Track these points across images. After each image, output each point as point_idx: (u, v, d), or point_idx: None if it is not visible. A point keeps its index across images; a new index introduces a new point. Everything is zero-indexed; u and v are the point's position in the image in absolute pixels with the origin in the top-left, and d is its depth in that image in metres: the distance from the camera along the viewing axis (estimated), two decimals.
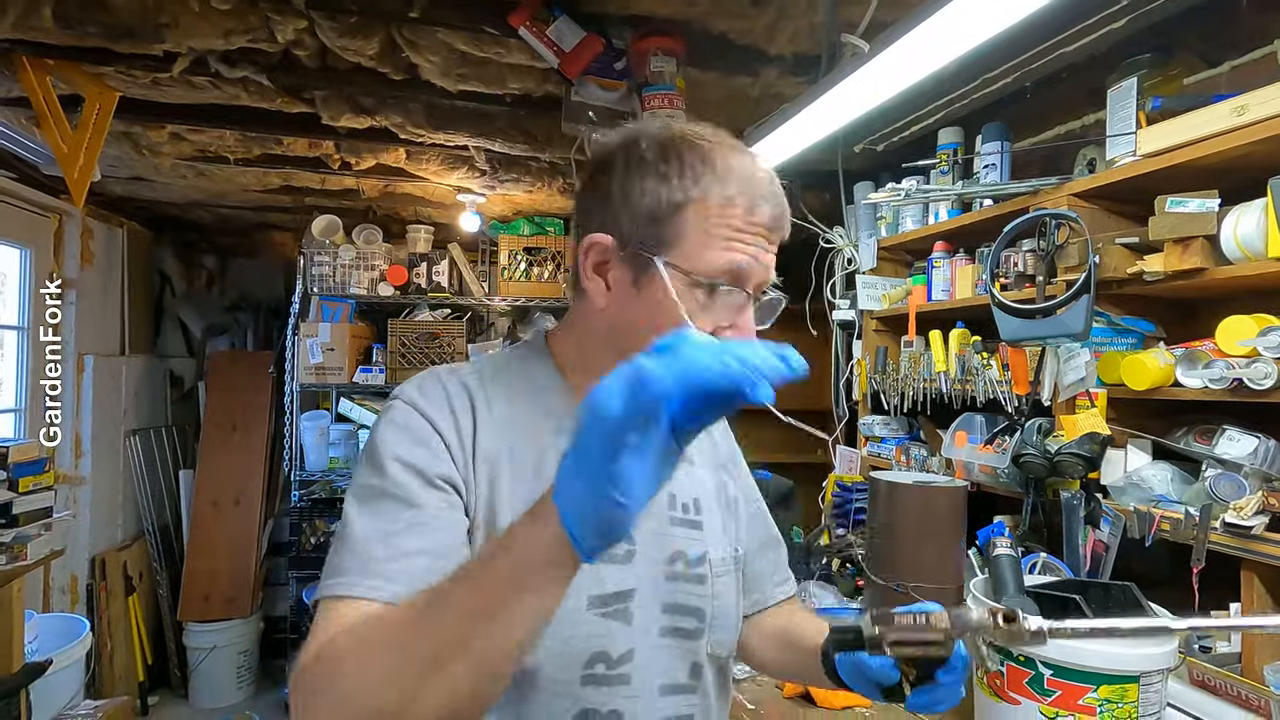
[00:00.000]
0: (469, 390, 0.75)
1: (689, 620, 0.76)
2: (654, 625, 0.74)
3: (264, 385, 3.84)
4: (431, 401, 0.73)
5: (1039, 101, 1.95)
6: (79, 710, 2.36)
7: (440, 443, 0.71)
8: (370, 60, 1.80)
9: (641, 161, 0.70)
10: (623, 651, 0.71)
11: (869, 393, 2.35)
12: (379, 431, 0.72)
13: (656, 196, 0.69)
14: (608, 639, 0.71)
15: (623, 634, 0.72)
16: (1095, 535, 1.49)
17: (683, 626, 0.75)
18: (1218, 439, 1.38)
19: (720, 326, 0.69)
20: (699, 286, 0.68)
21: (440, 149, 2.54)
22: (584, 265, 0.73)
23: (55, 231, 3.13)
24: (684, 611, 0.76)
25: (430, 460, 0.69)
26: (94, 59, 1.83)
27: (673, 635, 0.75)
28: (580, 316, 0.79)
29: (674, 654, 0.75)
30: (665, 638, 0.74)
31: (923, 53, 1.24)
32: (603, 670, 0.70)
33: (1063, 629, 0.62)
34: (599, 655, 0.70)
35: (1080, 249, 1.54)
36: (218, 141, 2.49)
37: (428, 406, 0.72)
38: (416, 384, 0.75)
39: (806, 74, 1.81)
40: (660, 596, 0.75)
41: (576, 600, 0.70)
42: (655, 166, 0.69)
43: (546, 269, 3.57)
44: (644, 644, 0.73)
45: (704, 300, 0.68)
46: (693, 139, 0.71)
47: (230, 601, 3.59)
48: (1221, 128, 1.30)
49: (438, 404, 0.73)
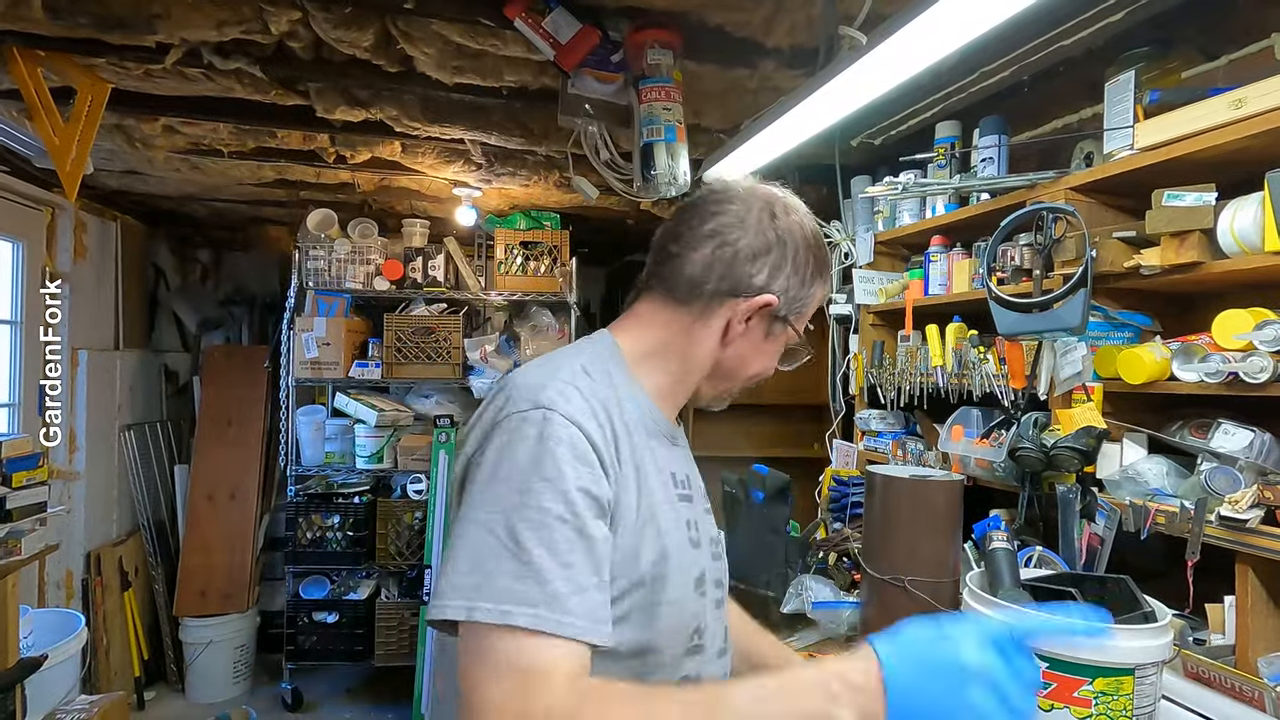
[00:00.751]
0: (595, 395, 0.76)
1: (720, 591, 0.89)
2: (712, 599, 0.85)
3: (259, 380, 3.82)
4: (582, 413, 0.73)
5: (1036, 95, 1.94)
6: (75, 705, 2.36)
7: (597, 460, 0.72)
8: (365, 52, 1.78)
9: (810, 250, 0.87)
10: (702, 624, 0.83)
11: (865, 387, 2.35)
12: (543, 447, 0.69)
13: (805, 280, 0.87)
14: (700, 615, 0.82)
15: (703, 609, 0.83)
16: (1091, 529, 1.49)
17: (721, 598, 0.89)
18: (1213, 433, 1.39)
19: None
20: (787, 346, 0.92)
21: (436, 142, 2.52)
22: (740, 311, 0.84)
23: (48, 225, 3.11)
24: (721, 585, 0.89)
25: (594, 482, 0.71)
26: (85, 50, 1.81)
27: (718, 607, 0.88)
28: (678, 340, 0.86)
29: (721, 622, 0.88)
30: (717, 609, 0.87)
31: (921, 45, 1.23)
32: (697, 641, 0.82)
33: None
34: (696, 629, 0.81)
35: (1077, 243, 1.54)
36: (211, 134, 2.47)
37: (584, 420, 0.72)
38: (559, 391, 0.73)
39: (804, 67, 1.80)
40: (713, 575, 0.86)
41: (685, 583, 0.79)
42: (812, 256, 0.87)
43: (543, 263, 3.56)
44: (710, 616, 0.84)
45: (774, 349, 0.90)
46: (822, 241, 0.91)
47: (226, 596, 3.58)
48: (1219, 121, 1.29)
49: (586, 416, 0.73)
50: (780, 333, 0.88)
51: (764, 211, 0.85)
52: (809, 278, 0.86)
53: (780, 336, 0.88)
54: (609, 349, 0.85)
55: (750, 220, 0.84)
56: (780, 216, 0.85)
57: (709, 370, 0.87)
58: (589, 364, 0.80)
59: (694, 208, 0.87)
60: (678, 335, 0.86)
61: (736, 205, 0.85)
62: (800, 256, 0.85)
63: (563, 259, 3.56)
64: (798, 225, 0.86)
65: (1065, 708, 1.04)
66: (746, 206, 0.85)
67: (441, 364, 3.43)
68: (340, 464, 3.48)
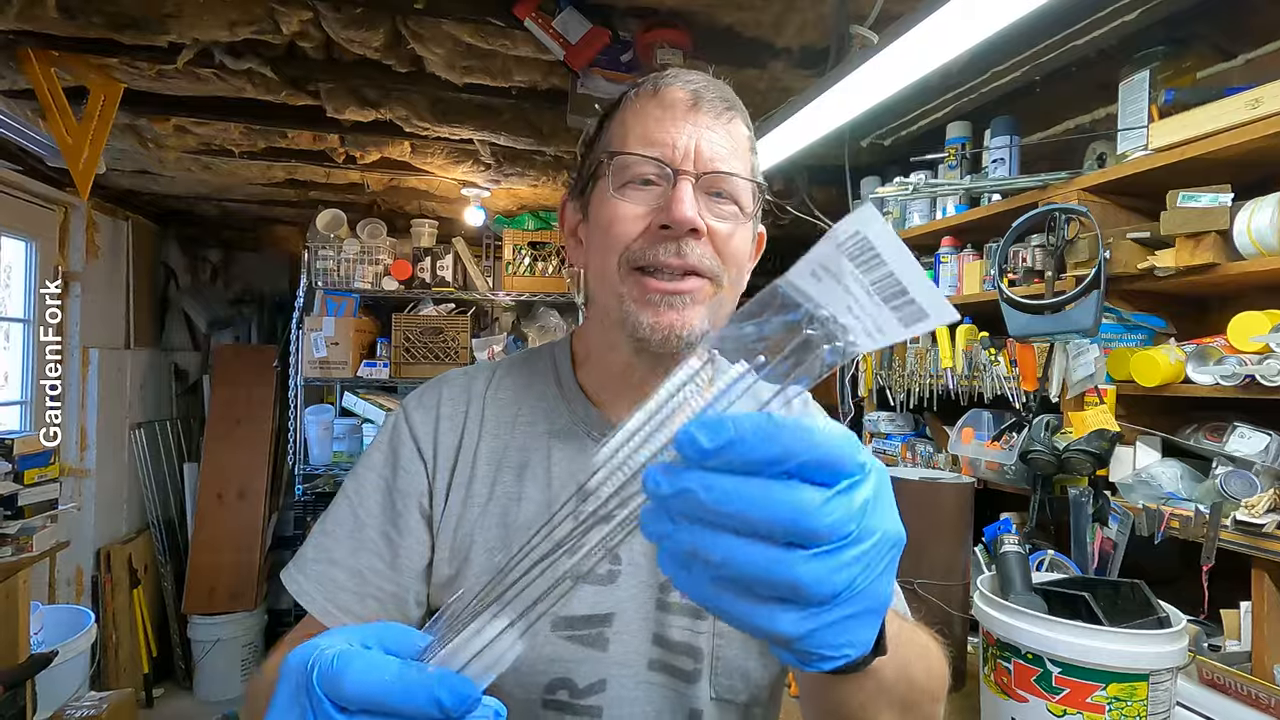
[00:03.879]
0: (470, 391, 0.75)
1: (683, 659, 0.66)
2: (639, 657, 0.66)
3: (268, 379, 3.84)
4: (421, 405, 0.74)
5: (1048, 95, 1.93)
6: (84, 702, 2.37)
7: (415, 452, 0.72)
8: (375, 52, 1.79)
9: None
10: (591, 681, 0.65)
11: (875, 389, 2.34)
12: (379, 438, 0.74)
13: (595, 129, 0.72)
14: (573, 665, 0.65)
15: (593, 662, 0.65)
16: (1103, 533, 1.48)
17: (675, 665, 0.66)
18: (1229, 436, 1.37)
19: (660, 226, 0.64)
20: (626, 181, 0.65)
21: (445, 142, 2.53)
22: (565, 237, 0.76)
23: (61, 224, 3.13)
24: (676, 648, 0.67)
25: (399, 472, 0.71)
26: (99, 50, 1.82)
27: (663, 672, 0.66)
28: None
29: (663, 693, 0.66)
30: (655, 672, 0.66)
31: (933, 45, 1.22)
32: (565, 697, 0.65)
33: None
34: (560, 681, 0.65)
35: (1090, 244, 1.52)
36: (222, 134, 2.48)
37: (415, 412, 0.74)
38: (425, 386, 0.77)
39: (814, 67, 1.79)
40: (649, 626, 0.67)
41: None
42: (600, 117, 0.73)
43: (551, 264, 3.57)
44: (622, 675, 0.65)
45: (634, 194, 0.65)
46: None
47: (235, 595, 3.59)
48: (1235, 121, 1.28)
49: (426, 408, 0.74)
50: (592, 192, 0.72)
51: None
52: (599, 126, 0.75)
53: (598, 194, 0.70)
54: (559, 345, 0.79)
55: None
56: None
57: (592, 307, 0.76)
58: (513, 362, 0.79)
59: None
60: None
61: None
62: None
63: (570, 261, 3.55)
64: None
65: (1078, 713, 1.03)
66: None
67: (449, 364, 3.43)
68: (348, 463, 3.48)
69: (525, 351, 0.81)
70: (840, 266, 0.32)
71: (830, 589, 0.31)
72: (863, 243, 0.32)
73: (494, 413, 0.74)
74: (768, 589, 0.31)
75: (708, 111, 0.66)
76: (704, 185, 0.65)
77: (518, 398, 0.75)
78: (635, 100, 0.68)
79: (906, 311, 0.32)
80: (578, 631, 0.66)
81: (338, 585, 0.67)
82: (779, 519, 0.30)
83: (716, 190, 0.66)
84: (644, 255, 0.64)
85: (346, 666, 0.34)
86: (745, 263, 0.70)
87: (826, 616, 0.32)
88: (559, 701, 0.65)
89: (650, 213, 0.65)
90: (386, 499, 0.70)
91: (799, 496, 0.31)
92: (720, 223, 0.65)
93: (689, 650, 0.67)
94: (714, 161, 0.65)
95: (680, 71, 0.69)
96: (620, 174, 0.66)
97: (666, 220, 0.63)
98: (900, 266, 0.31)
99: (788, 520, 0.30)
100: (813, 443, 0.31)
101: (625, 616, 0.67)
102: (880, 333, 0.33)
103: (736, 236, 0.67)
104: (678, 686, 0.67)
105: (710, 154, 0.65)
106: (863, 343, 0.33)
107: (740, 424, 0.31)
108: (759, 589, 0.32)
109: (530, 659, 0.65)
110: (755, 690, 0.69)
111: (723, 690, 0.67)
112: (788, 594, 0.31)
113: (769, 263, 0.80)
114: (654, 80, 0.68)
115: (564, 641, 0.65)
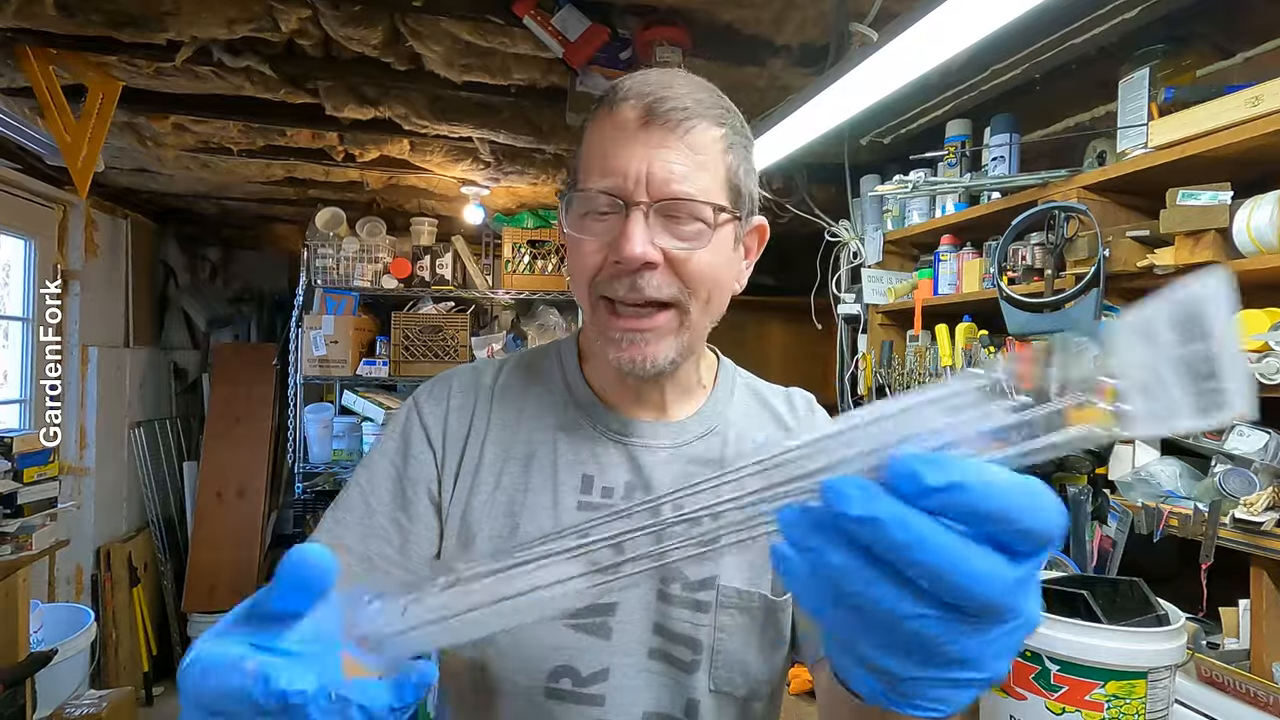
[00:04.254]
0: (479, 384, 0.76)
1: (681, 649, 0.67)
2: (639, 646, 0.67)
3: (268, 378, 3.84)
4: (432, 397, 0.75)
5: (1048, 93, 1.92)
6: (84, 700, 2.37)
7: (425, 443, 0.72)
8: (374, 50, 1.78)
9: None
10: (595, 669, 0.65)
11: (874, 387, 2.34)
12: (391, 427, 0.75)
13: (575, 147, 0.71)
14: (576, 653, 0.65)
15: (596, 650, 0.65)
16: (1102, 531, 1.48)
17: (674, 655, 0.67)
18: (1228, 434, 1.37)
19: (614, 262, 0.63)
20: (586, 212, 0.65)
21: (444, 140, 2.52)
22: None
23: (60, 223, 3.13)
24: (676, 638, 0.67)
25: (408, 460, 0.72)
26: (97, 48, 1.82)
27: (663, 661, 0.67)
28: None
29: (663, 682, 0.67)
30: (655, 661, 0.67)
31: (933, 42, 1.22)
32: (569, 685, 0.65)
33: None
34: (564, 669, 0.65)
35: (1090, 242, 1.52)
36: (221, 133, 2.48)
37: (426, 403, 0.75)
38: (435, 379, 0.78)
39: (813, 65, 1.79)
40: (650, 616, 0.67)
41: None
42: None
43: (550, 262, 3.56)
44: (624, 664, 0.66)
45: (592, 226, 0.65)
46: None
47: (235, 593, 3.59)
48: (1235, 119, 1.28)
49: (437, 399, 0.75)
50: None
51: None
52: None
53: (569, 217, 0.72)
54: (565, 342, 0.80)
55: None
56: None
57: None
58: (520, 358, 0.80)
59: None
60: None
61: None
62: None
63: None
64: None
65: (1077, 711, 1.03)
66: None
67: (449, 362, 3.43)
68: (348, 461, 3.48)
69: (532, 348, 0.82)
70: (1160, 330, 0.28)
71: (962, 655, 0.30)
72: (1196, 311, 0.28)
73: (501, 406, 0.75)
74: (899, 635, 0.30)
75: (661, 126, 0.63)
76: (662, 210, 0.63)
77: (525, 392, 0.76)
78: (594, 120, 0.67)
79: (1205, 399, 0.28)
80: (582, 620, 0.66)
81: (345, 570, 0.68)
82: (959, 583, 0.28)
83: (673, 214, 0.63)
84: (608, 287, 0.65)
85: (193, 665, 0.34)
86: (721, 276, 0.68)
87: (940, 674, 0.30)
88: (560, 690, 0.65)
89: (604, 246, 0.64)
90: (397, 486, 0.71)
91: (996, 567, 0.28)
92: (680, 246, 0.63)
93: (689, 641, 0.67)
94: (668, 184, 0.62)
95: (637, 81, 0.65)
96: (579, 206, 0.66)
97: (617, 256, 0.62)
98: (1223, 347, 0.27)
99: (968, 587, 0.28)
100: (1035, 509, 0.28)
101: (628, 606, 0.67)
102: (1169, 418, 0.28)
103: (700, 258, 0.64)
104: (676, 676, 0.67)
105: (664, 176, 0.62)
106: (1143, 427, 0.29)
107: (966, 470, 0.28)
108: (887, 629, 0.30)
109: (531, 644, 0.65)
110: (755, 685, 0.69)
111: (721, 683, 0.67)
112: (914, 646, 0.30)
113: (766, 260, 0.80)
114: (610, 95, 0.66)
115: (568, 630, 0.66)
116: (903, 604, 0.29)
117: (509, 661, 0.66)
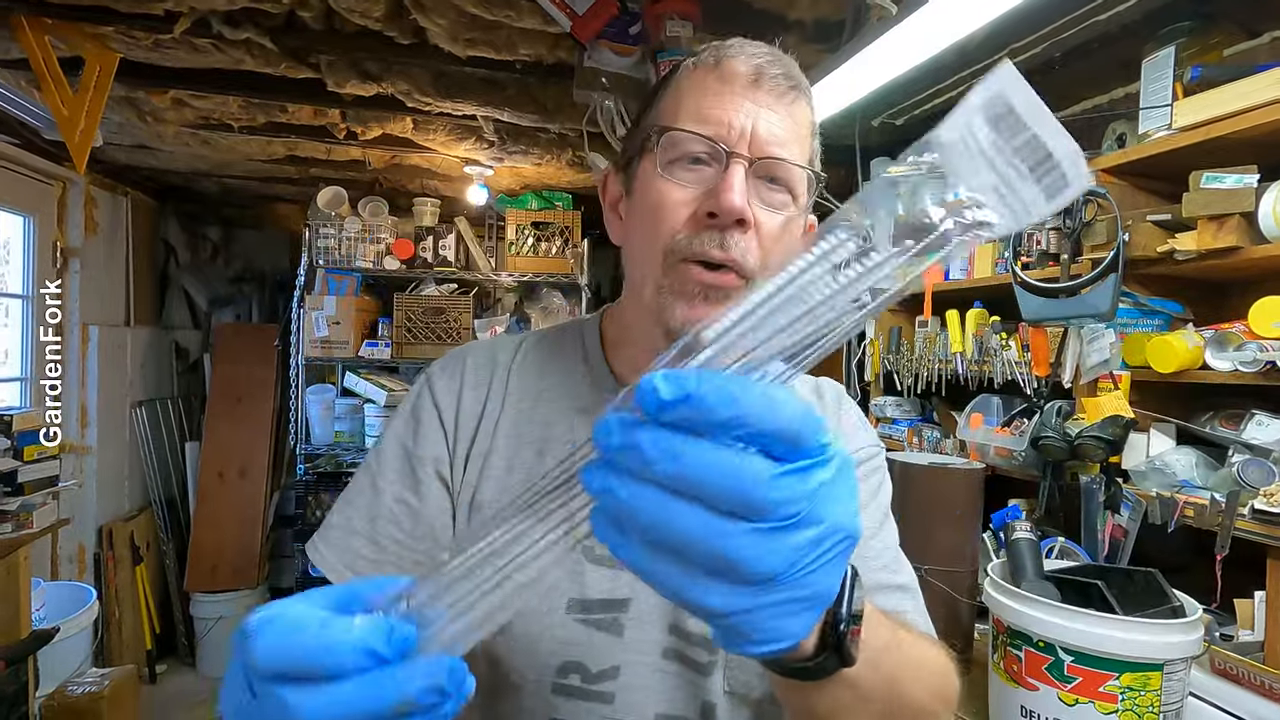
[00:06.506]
0: (495, 361, 0.73)
1: (699, 651, 0.65)
2: (653, 645, 0.65)
3: (269, 358, 3.82)
4: (445, 373, 0.73)
5: (1067, 74, 1.88)
6: (86, 678, 2.37)
7: (437, 421, 0.70)
8: (377, 23, 1.74)
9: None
10: (605, 666, 0.64)
11: (882, 373, 2.31)
12: (403, 406, 0.74)
13: (647, 98, 0.69)
14: (586, 649, 0.64)
15: (608, 647, 0.64)
16: (1114, 520, 1.46)
17: (691, 656, 0.65)
18: (1246, 423, 1.35)
19: (707, 214, 0.59)
20: (673, 159, 0.61)
21: (447, 118, 2.48)
22: (605, 210, 0.71)
23: (59, 199, 3.09)
24: (694, 640, 0.65)
25: (419, 439, 0.70)
26: (93, 18, 1.77)
27: (678, 661, 0.65)
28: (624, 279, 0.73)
29: (677, 683, 0.64)
30: (670, 661, 0.65)
31: (953, 16, 1.18)
32: (577, 682, 0.63)
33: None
34: (573, 665, 0.64)
35: (1108, 226, 1.49)
36: (221, 108, 2.44)
37: (439, 380, 0.73)
38: (449, 354, 0.76)
39: (828, 41, 1.74)
40: (667, 616, 0.65)
41: (553, 600, 0.64)
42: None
43: (554, 244, 3.52)
44: (637, 663, 0.64)
45: (683, 174, 0.61)
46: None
47: (237, 572, 3.60)
48: (1262, 100, 1.24)
49: (451, 376, 0.73)
50: (636, 169, 0.69)
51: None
52: (648, 101, 0.72)
53: (644, 171, 0.68)
54: (588, 324, 0.77)
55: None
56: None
57: (628, 286, 0.72)
58: (541, 336, 0.77)
59: None
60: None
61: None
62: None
63: (574, 240, 3.52)
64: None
65: (1090, 702, 1.01)
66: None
67: (451, 344, 3.40)
68: (350, 443, 3.47)
69: (553, 327, 0.80)
70: (980, 134, 0.29)
71: (765, 568, 0.29)
72: (1004, 105, 0.28)
73: (518, 384, 0.72)
74: (702, 558, 0.29)
75: (770, 90, 0.61)
76: (758, 170, 0.60)
77: (543, 372, 0.73)
78: (693, 71, 0.64)
79: (1049, 181, 0.29)
80: (592, 615, 0.64)
81: (356, 554, 0.66)
82: (723, 485, 0.28)
83: (770, 176, 0.61)
84: (689, 247, 0.60)
85: (262, 630, 0.31)
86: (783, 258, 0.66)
87: (759, 598, 0.30)
88: (569, 686, 0.63)
89: (697, 197, 0.60)
90: (405, 465, 0.69)
91: (749, 464, 0.28)
92: (770, 214, 0.61)
93: (706, 643, 0.65)
94: (771, 145, 0.60)
95: (745, 43, 0.63)
96: (668, 151, 0.61)
97: (713, 208, 0.59)
98: (1042, 127, 0.28)
99: (732, 487, 0.28)
100: (775, 413, 0.29)
101: (641, 602, 0.65)
102: (1026, 211, 0.29)
103: (785, 232, 0.62)
104: (692, 678, 0.65)
105: (768, 136, 0.60)
106: (1004, 225, 0.30)
107: (703, 381, 0.28)
108: (693, 557, 0.29)
109: (540, 639, 0.64)
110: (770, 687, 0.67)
111: (737, 685, 0.65)
112: (721, 567, 0.29)
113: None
114: (715, 50, 0.63)
115: (578, 625, 0.64)
116: (688, 522, 0.29)
117: (518, 655, 0.64)
